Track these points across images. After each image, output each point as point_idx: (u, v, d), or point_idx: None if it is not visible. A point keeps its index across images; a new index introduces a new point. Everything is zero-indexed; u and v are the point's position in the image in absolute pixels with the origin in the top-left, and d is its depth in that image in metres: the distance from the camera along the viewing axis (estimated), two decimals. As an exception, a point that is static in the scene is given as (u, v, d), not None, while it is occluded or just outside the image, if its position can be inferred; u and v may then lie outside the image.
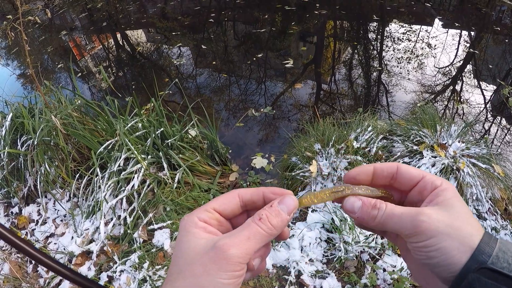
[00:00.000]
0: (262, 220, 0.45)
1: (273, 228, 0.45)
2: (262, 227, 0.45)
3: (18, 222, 3.15)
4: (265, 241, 0.45)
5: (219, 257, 0.41)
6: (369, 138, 2.86)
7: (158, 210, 2.83)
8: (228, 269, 0.41)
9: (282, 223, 0.46)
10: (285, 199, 0.48)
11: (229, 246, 0.42)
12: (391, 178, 0.51)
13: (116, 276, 2.53)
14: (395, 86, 4.65)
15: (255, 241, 0.44)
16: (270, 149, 3.66)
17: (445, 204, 0.45)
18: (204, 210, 0.48)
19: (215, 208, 0.49)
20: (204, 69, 5.65)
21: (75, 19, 9.49)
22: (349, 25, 7.09)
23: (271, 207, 0.47)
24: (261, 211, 0.46)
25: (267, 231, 0.45)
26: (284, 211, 0.47)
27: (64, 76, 6.21)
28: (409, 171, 0.50)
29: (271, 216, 0.46)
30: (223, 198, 0.50)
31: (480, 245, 0.42)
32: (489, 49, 5.62)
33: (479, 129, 3.81)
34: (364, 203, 0.49)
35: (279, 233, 0.47)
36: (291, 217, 0.48)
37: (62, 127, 2.85)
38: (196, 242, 0.44)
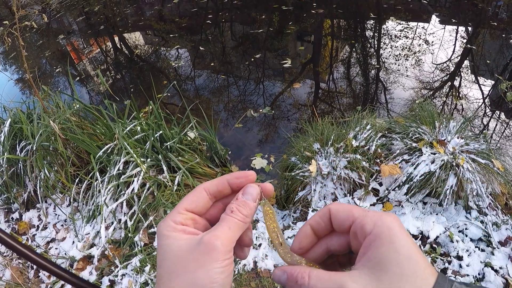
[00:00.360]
0: (233, 212, 0.48)
1: (245, 217, 0.49)
2: (236, 218, 0.48)
3: (19, 228, 3.15)
4: (242, 228, 0.49)
5: (209, 249, 0.44)
6: (368, 136, 2.86)
7: (159, 213, 2.83)
8: (219, 258, 0.44)
9: (251, 210, 0.50)
10: (247, 189, 0.51)
11: (215, 238, 0.45)
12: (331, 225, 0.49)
13: (118, 280, 2.53)
14: (393, 83, 4.64)
15: (234, 230, 0.47)
16: (270, 149, 3.66)
17: (377, 263, 0.40)
18: (177, 213, 0.50)
19: (187, 208, 0.51)
20: (202, 71, 5.65)
21: (73, 23, 9.49)
22: (346, 24, 7.09)
23: (237, 199, 0.50)
24: (230, 205, 0.50)
25: (241, 220, 0.48)
26: (249, 199, 0.50)
27: (63, 80, 6.21)
28: (338, 214, 0.47)
29: (240, 207, 0.49)
30: (191, 196, 0.52)
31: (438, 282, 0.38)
32: (486, 44, 5.62)
33: (478, 124, 3.81)
34: (288, 278, 0.47)
35: (252, 217, 0.50)
36: (258, 202, 0.51)
37: (61, 132, 2.85)
38: (179, 243, 0.46)
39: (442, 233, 2.45)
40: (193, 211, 0.51)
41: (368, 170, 2.71)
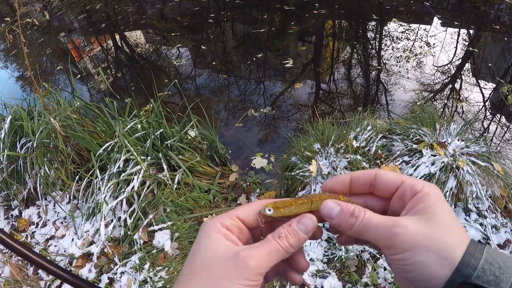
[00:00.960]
0: (281, 238, 0.47)
1: (290, 247, 0.47)
2: (280, 245, 0.46)
3: (18, 225, 3.15)
4: (282, 257, 0.47)
5: (241, 266, 0.43)
6: (369, 137, 2.86)
7: (158, 211, 2.83)
8: (247, 277, 0.43)
9: (299, 242, 0.48)
10: (304, 219, 0.49)
11: (251, 258, 0.44)
12: (370, 185, 0.51)
13: (117, 278, 2.53)
14: (394, 85, 4.64)
15: (274, 256, 0.46)
16: (270, 149, 3.66)
17: (425, 213, 0.44)
18: (227, 217, 0.49)
19: (239, 216, 0.50)
20: (203, 70, 5.65)
21: (74, 21, 9.50)
22: (348, 25, 7.09)
23: (290, 226, 0.48)
24: (281, 229, 0.48)
25: (285, 248, 0.47)
26: (302, 231, 0.48)
27: (63, 78, 6.20)
28: (386, 176, 0.49)
29: (289, 235, 0.47)
30: (248, 208, 0.51)
31: (465, 258, 0.40)
32: (488, 48, 5.62)
33: (478, 127, 3.81)
34: (343, 210, 0.48)
35: (296, 250, 0.48)
36: (309, 235, 0.49)
37: (61, 129, 2.85)
38: (217, 246, 0.46)
39: (442, 234, 2.44)
40: (243, 221, 0.51)
41: (368, 171, 2.70)
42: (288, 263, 0.53)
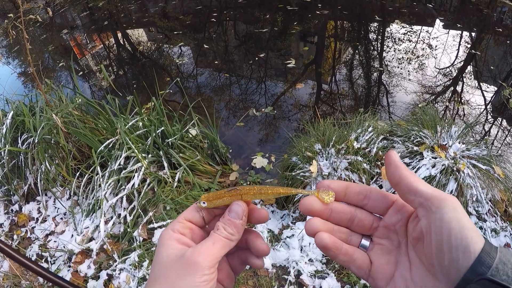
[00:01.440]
0: (219, 230, 0.50)
1: (230, 235, 0.50)
2: (221, 234, 0.50)
3: (18, 220, 3.15)
4: (229, 245, 0.50)
5: (189, 264, 0.46)
6: (370, 138, 2.86)
7: (158, 209, 2.83)
8: (198, 273, 0.45)
9: (237, 228, 0.51)
10: (233, 207, 0.52)
11: (197, 254, 0.47)
12: (364, 197, 0.51)
13: (116, 275, 2.54)
14: (396, 86, 4.64)
15: (219, 247, 0.49)
16: (271, 149, 3.66)
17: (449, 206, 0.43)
18: (176, 222, 0.52)
19: (186, 218, 0.53)
20: (205, 69, 5.65)
21: (76, 18, 9.50)
22: (350, 26, 7.09)
23: (224, 217, 0.52)
24: (218, 223, 0.51)
25: (226, 237, 0.50)
26: (235, 218, 0.51)
27: (65, 75, 6.21)
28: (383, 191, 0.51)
29: (225, 225, 0.51)
30: (191, 208, 0.54)
31: (481, 255, 0.39)
32: (490, 50, 5.61)
33: (479, 130, 3.81)
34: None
35: (239, 236, 0.52)
36: (244, 220, 0.52)
37: (63, 126, 2.85)
38: (170, 252, 0.48)
39: (441, 237, 2.44)
40: (191, 221, 0.53)
41: (368, 172, 2.71)
42: (249, 250, 0.56)
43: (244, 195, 0.52)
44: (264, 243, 0.55)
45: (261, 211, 0.55)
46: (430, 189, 0.44)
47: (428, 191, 0.44)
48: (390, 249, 0.51)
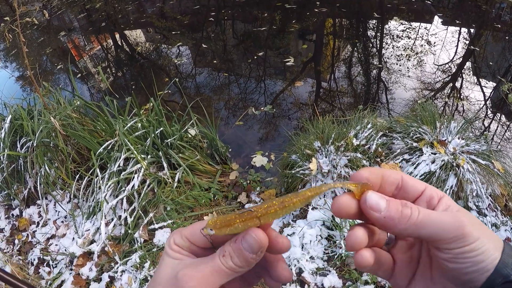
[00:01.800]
0: (225, 257, 0.41)
1: (236, 267, 0.41)
2: (224, 264, 0.41)
3: (19, 224, 3.16)
4: (230, 276, 0.41)
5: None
6: (369, 135, 2.86)
7: (159, 209, 2.83)
8: None
9: (248, 262, 0.41)
10: (247, 238, 0.41)
11: (189, 279, 0.39)
12: (396, 187, 0.44)
13: (118, 276, 2.54)
14: (395, 83, 4.64)
15: (218, 277, 0.41)
16: (270, 147, 3.66)
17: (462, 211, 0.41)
18: (179, 235, 0.45)
19: (187, 237, 0.45)
20: (203, 69, 5.65)
21: (74, 20, 9.50)
22: (348, 23, 7.08)
23: (234, 243, 0.42)
24: (226, 246, 0.42)
25: (230, 268, 0.41)
26: (247, 250, 0.41)
27: (63, 77, 6.21)
28: (412, 180, 0.44)
29: (233, 254, 0.41)
30: (196, 227, 0.45)
31: (503, 257, 0.38)
32: (489, 46, 5.61)
33: (478, 126, 3.81)
34: (393, 201, 0.41)
35: (247, 269, 0.42)
36: (259, 256, 0.42)
37: (62, 128, 2.85)
38: (168, 264, 0.43)
39: (442, 233, 2.44)
40: (193, 243, 0.45)
41: (368, 169, 2.71)
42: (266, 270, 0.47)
43: (263, 216, 0.41)
44: (287, 268, 0.46)
45: (283, 240, 0.44)
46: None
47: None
48: (413, 243, 0.47)
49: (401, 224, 0.40)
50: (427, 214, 0.39)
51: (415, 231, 0.39)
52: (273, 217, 0.41)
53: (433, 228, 0.39)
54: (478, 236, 0.38)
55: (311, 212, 2.64)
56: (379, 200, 0.41)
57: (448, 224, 0.38)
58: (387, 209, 0.40)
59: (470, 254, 0.38)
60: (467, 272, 0.38)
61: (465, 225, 0.38)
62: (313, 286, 2.31)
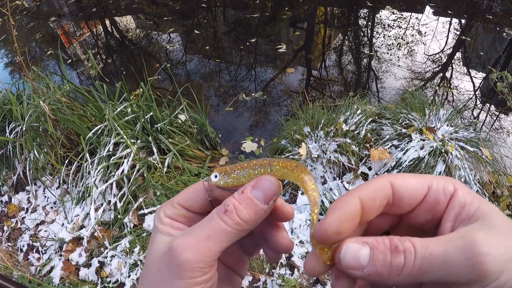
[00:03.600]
0: (228, 212, 0.35)
1: (243, 223, 0.35)
2: (227, 222, 0.35)
3: (8, 211, 3.14)
4: (233, 238, 0.36)
5: (172, 263, 0.34)
6: (358, 121, 2.88)
7: (148, 194, 2.83)
8: (185, 277, 0.34)
9: (256, 215, 0.36)
10: (261, 181, 0.36)
11: (183, 248, 0.34)
12: (387, 205, 0.35)
13: (107, 262, 2.54)
14: (385, 72, 4.65)
15: (218, 240, 0.35)
16: (260, 133, 3.67)
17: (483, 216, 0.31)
18: (170, 205, 0.40)
19: (180, 203, 0.40)
20: (194, 55, 5.62)
21: (63, 5, 9.35)
22: (340, 12, 7.07)
23: (242, 193, 0.36)
24: (228, 200, 0.36)
25: (233, 227, 0.35)
26: (260, 199, 0.35)
27: (52, 63, 6.14)
28: (408, 186, 0.34)
29: (240, 207, 0.35)
30: (190, 191, 0.41)
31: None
32: (479, 37, 5.64)
33: (468, 115, 3.84)
34: (376, 248, 0.31)
35: (253, 226, 0.36)
36: (271, 206, 0.37)
37: (51, 113, 2.83)
38: (160, 240, 0.38)
39: (430, 218, 2.47)
40: (188, 209, 0.40)
41: (357, 154, 2.73)
42: (265, 239, 0.42)
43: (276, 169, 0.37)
44: (288, 237, 0.41)
45: (288, 209, 0.40)
46: None
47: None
48: None
49: (393, 278, 0.30)
50: (427, 254, 0.29)
51: (415, 280, 0.30)
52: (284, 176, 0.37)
53: (436, 273, 0.29)
54: (503, 268, 0.28)
55: (301, 197, 2.65)
56: (358, 253, 0.31)
57: (458, 264, 0.28)
58: (371, 263, 0.31)
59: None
60: None
61: (483, 261, 0.28)
62: (303, 270, 2.33)
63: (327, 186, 2.69)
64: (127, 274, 2.43)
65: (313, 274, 0.35)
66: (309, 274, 0.35)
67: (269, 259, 0.45)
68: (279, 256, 0.43)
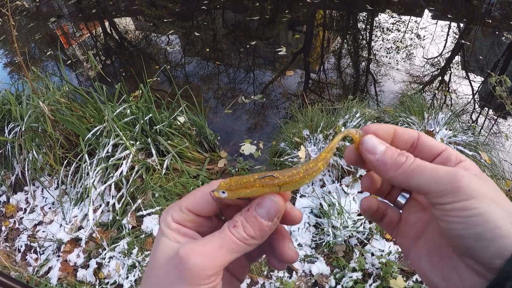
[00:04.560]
0: (236, 227, 0.38)
1: (249, 239, 0.38)
2: (236, 236, 0.37)
3: (6, 211, 3.13)
4: (242, 251, 0.38)
5: (181, 268, 0.35)
6: (357, 124, 2.88)
7: (147, 196, 2.83)
8: (192, 282, 0.35)
9: (261, 232, 0.38)
10: (264, 202, 0.38)
11: (194, 255, 0.35)
12: (411, 145, 0.42)
13: (105, 263, 2.53)
14: (384, 75, 4.66)
15: (228, 251, 0.37)
16: (259, 136, 3.67)
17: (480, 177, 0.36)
18: (178, 210, 0.41)
19: (189, 209, 0.41)
20: (193, 57, 5.62)
21: (63, 6, 9.35)
22: (339, 15, 7.08)
23: (247, 212, 0.39)
24: (236, 216, 0.39)
25: (242, 240, 0.37)
26: (263, 217, 0.38)
27: (51, 64, 6.14)
28: (429, 139, 0.42)
29: (246, 224, 0.38)
30: (198, 196, 0.41)
31: None
32: (478, 41, 5.66)
33: (466, 119, 3.85)
34: (389, 148, 0.40)
35: (260, 242, 0.39)
36: (276, 223, 0.39)
37: (50, 113, 2.83)
38: (167, 245, 0.38)
39: (428, 221, 2.47)
40: (198, 214, 0.41)
41: (356, 157, 2.73)
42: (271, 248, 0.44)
43: (285, 185, 0.38)
44: (294, 248, 0.43)
45: (296, 213, 0.43)
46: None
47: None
48: (426, 206, 0.44)
49: (392, 170, 0.39)
50: (422, 164, 0.38)
51: (405, 180, 0.38)
52: (296, 185, 0.39)
53: (423, 178, 0.36)
54: (476, 195, 0.33)
55: (299, 200, 2.65)
56: (377, 144, 0.40)
57: (441, 176, 0.35)
58: (383, 153, 0.40)
59: (463, 213, 0.34)
60: (459, 235, 0.34)
61: (461, 179, 0.34)
62: (301, 273, 2.34)
63: (326, 189, 2.69)
64: (125, 275, 2.42)
65: (349, 159, 0.45)
66: (347, 159, 0.45)
67: (273, 267, 0.44)
68: (283, 266, 0.44)
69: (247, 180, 0.38)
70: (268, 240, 0.42)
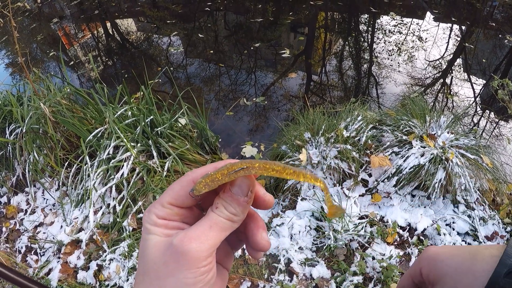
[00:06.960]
0: (218, 209, 0.41)
1: (232, 216, 0.41)
2: (220, 215, 0.40)
3: (7, 212, 3.13)
4: (229, 228, 0.41)
5: (179, 254, 0.37)
6: (359, 127, 2.87)
7: (148, 198, 2.82)
8: (191, 266, 0.37)
9: (242, 206, 0.42)
10: (237, 181, 0.42)
11: (189, 241, 0.38)
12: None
13: (106, 265, 2.53)
14: (386, 78, 4.66)
15: (218, 230, 0.40)
16: (260, 138, 3.66)
17: None
18: (160, 206, 0.42)
19: (172, 203, 0.42)
20: (195, 59, 5.62)
21: (65, 7, 9.36)
22: (341, 17, 7.08)
23: (224, 193, 0.42)
24: (217, 199, 0.42)
25: (227, 218, 0.41)
26: (238, 194, 0.41)
27: (53, 65, 6.15)
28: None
29: (225, 203, 0.41)
30: (177, 189, 0.43)
31: (507, 250, 0.41)
32: (480, 44, 5.65)
33: (468, 122, 3.84)
34: None
35: (244, 215, 0.43)
36: (250, 197, 0.42)
37: (51, 115, 2.82)
38: (157, 240, 0.40)
39: (430, 225, 2.47)
40: (180, 206, 0.43)
41: (358, 160, 2.72)
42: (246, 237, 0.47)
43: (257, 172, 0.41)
44: (266, 238, 0.46)
45: (268, 196, 0.45)
46: None
47: None
48: None
49: None
50: None
51: None
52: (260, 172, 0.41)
53: None
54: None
55: (300, 203, 2.64)
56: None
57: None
58: None
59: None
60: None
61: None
62: (302, 277, 2.33)
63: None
64: (126, 278, 2.42)
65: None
66: None
67: (251, 256, 0.50)
68: (259, 255, 0.47)
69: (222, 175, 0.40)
70: (245, 229, 0.46)
